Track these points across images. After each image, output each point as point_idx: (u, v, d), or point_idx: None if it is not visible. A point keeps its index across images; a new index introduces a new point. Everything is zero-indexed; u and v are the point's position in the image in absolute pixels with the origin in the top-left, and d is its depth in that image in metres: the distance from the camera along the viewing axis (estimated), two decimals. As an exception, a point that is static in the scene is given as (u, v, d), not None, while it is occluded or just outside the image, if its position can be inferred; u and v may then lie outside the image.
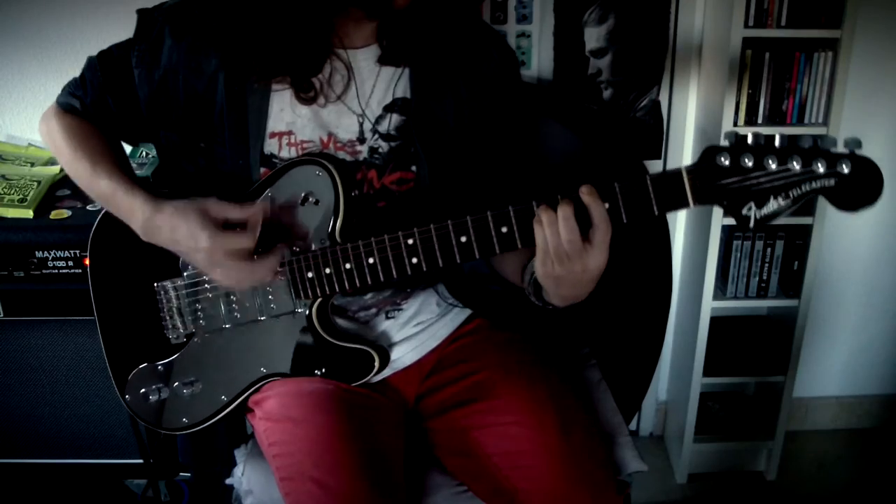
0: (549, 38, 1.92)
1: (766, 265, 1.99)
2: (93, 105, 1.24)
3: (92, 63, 1.25)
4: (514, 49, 1.87)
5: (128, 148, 1.41)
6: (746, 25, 1.74)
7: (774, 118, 1.84)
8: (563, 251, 1.01)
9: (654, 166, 2.06)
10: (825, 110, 1.82)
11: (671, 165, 2.06)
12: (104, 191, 1.19)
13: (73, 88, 1.26)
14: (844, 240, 2.15)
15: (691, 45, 1.96)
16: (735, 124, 1.82)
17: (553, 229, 1.01)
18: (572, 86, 1.96)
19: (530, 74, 1.94)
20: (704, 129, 1.97)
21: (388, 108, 1.21)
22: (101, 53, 1.24)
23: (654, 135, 2.04)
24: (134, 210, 1.15)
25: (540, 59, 1.93)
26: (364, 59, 1.19)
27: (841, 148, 0.92)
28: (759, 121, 1.84)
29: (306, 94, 1.17)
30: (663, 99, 2.00)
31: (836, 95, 1.80)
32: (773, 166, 0.94)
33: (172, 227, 1.11)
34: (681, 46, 1.95)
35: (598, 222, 1.00)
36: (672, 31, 1.93)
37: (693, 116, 2.03)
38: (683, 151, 2.06)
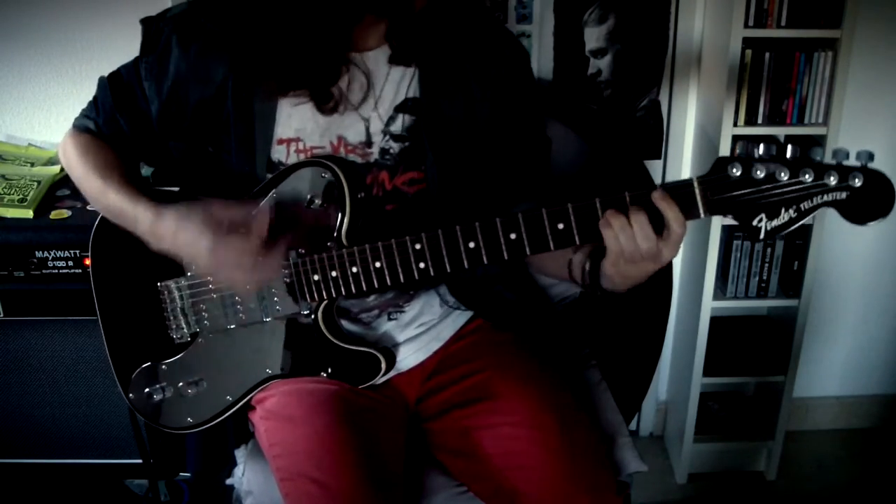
0: (549, 38, 1.92)
1: (766, 265, 1.99)
2: (106, 126, 1.25)
3: (102, 84, 1.26)
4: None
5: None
6: (746, 25, 1.74)
7: (774, 118, 1.84)
8: (638, 255, 1.01)
9: (655, 166, 2.06)
10: (825, 110, 1.82)
11: (671, 165, 2.07)
12: (112, 205, 1.19)
13: (87, 111, 1.28)
14: (844, 240, 2.14)
15: (691, 45, 1.95)
16: (735, 124, 1.82)
17: (628, 233, 1.00)
18: (572, 86, 1.96)
19: (530, 74, 1.94)
20: (704, 128, 1.97)
21: (399, 109, 1.21)
22: (111, 74, 1.26)
23: (654, 135, 2.04)
24: (137, 219, 1.14)
25: (540, 59, 1.93)
26: (375, 60, 1.19)
27: (853, 160, 0.92)
28: (759, 121, 1.84)
29: (326, 104, 1.16)
30: (663, 99, 2.00)
31: (836, 95, 1.79)
32: (785, 178, 0.93)
33: (175, 233, 1.10)
34: (681, 46, 1.95)
35: (675, 225, 0.99)
36: (672, 31, 1.93)
37: (693, 116, 2.03)
38: (683, 151, 2.06)
